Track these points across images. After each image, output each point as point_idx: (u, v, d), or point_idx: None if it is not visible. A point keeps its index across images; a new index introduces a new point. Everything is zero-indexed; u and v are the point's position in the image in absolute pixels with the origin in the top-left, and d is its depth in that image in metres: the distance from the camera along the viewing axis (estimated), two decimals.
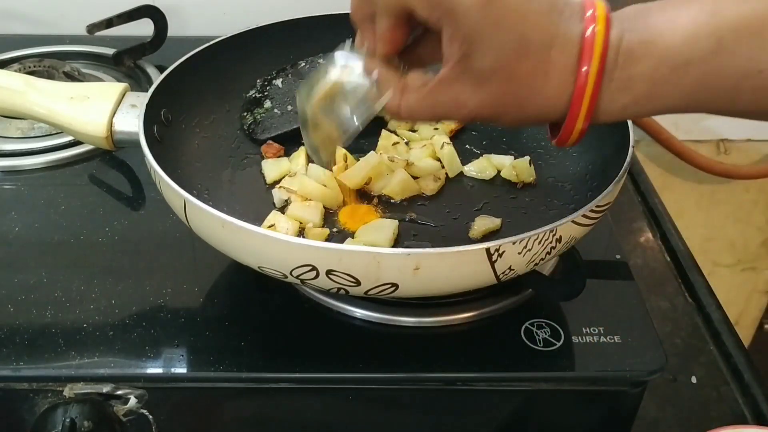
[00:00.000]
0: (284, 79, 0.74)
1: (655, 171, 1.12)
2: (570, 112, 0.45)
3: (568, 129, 0.47)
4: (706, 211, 1.18)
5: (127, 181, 0.74)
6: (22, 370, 0.53)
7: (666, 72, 0.44)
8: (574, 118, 0.46)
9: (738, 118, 0.47)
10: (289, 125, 0.70)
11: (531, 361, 0.54)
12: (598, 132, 0.65)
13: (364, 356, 0.55)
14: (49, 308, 0.58)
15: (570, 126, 0.46)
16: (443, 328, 0.57)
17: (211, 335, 0.56)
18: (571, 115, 0.46)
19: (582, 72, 0.44)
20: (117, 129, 0.62)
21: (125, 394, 0.53)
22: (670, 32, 0.44)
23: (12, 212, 0.68)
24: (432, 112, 0.48)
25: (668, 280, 0.72)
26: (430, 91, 0.47)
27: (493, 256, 0.48)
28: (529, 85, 0.45)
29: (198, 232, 0.54)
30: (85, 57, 0.93)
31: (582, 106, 0.45)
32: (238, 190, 0.65)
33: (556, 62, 0.44)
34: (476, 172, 0.67)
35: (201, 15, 1.00)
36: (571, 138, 0.48)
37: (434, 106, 0.47)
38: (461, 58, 0.44)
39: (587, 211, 0.51)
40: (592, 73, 0.44)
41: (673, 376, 0.63)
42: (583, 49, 0.44)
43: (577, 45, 0.44)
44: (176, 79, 0.65)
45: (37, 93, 0.63)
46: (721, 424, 0.49)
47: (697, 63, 0.43)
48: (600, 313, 0.58)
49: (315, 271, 0.48)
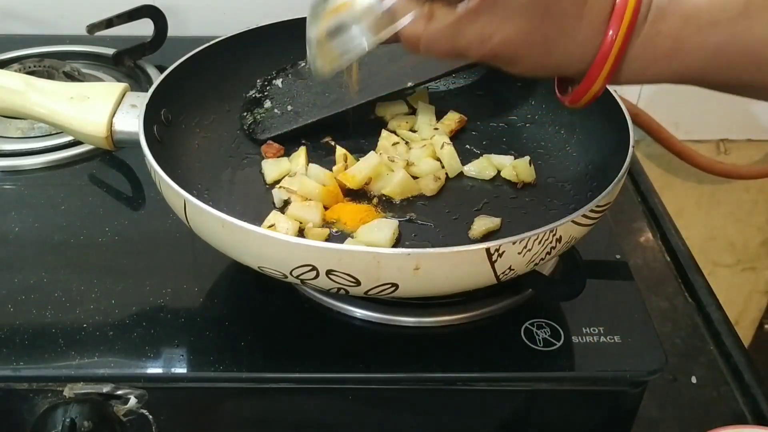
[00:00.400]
0: (284, 79, 0.74)
1: (655, 171, 1.12)
2: (595, 62, 0.45)
3: (589, 81, 0.46)
4: (706, 211, 1.18)
5: (127, 181, 0.74)
6: (22, 370, 0.53)
7: (691, 31, 0.43)
8: (599, 70, 0.45)
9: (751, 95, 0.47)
10: (289, 125, 0.70)
11: (531, 361, 0.54)
12: (598, 132, 0.65)
13: (364, 356, 0.55)
14: (49, 308, 0.58)
15: (592, 78, 0.45)
16: (443, 328, 0.57)
17: (211, 335, 0.56)
18: (596, 66, 0.45)
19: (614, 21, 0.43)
20: (117, 129, 0.62)
21: (125, 394, 0.53)
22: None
23: (12, 212, 0.68)
24: (453, 45, 0.46)
25: (668, 280, 0.72)
26: (457, 19, 0.45)
27: (493, 256, 0.48)
28: (561, 25, 0.44)
29: (198, 232, 0.54)
30: (85, 57, 0.92)
31: (609, 58, 0.44)
32: (238, 190, 0.65)
33: (592, 5, 0.43)
34: (476, 172, 0.67)
35: (201, 15, 1.00)
36: (585, 97, 0.47)
37: (457, 36, 0.45)
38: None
39: (587, 211, 0.51)
40: (625, 23, 0.43)
41: (673, 376, 0.63)
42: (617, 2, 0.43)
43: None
44: (176, 79, 0.65)
45: (37, 93, 0.63)
46: (721, 424, 0.48)
47: (723, 25, 0.43)
48: (600, 313, 0.58)
49: (315, 271, 0.48)
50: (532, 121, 0.72)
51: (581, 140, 0.67)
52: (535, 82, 0.72)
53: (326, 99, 0.72)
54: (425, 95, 0.75)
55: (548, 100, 0.72)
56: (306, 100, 0.72)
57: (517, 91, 0.74)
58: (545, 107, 0.72)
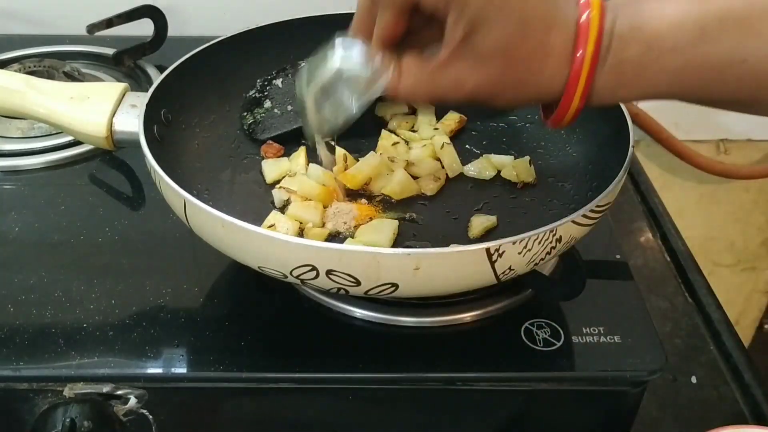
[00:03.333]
0: (284, 79, 0.74)
1: (655, 171, 1.12)
2: (566, 93, 0.47)
3: (563, 109, 0.48)
4: (706, 211, 1.18)
5: (127, 181, 0.74)
6: (22, 370, 0.53)
7: (653, 57, 0.45)
8: (570, 100, 0.47)
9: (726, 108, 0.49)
10: (289, 125, 0.70)
11: (531, 361, 0.54)
12: (598, 132, 0.65)
13: (364, 356, 0.55)
14: (49, 308, 0.58)
15: (565, 107, 0.48)
16: (443, 328, 0.57)
17: (211, 335, 0.56)
18: (567, 96, 0.47)
19: (578, 55, 0.45)
20: (117, 129, 0.62)
21: (125, 394, 0.53)
22: (657, 19, 0.45)
23: (12, 212, 0.68)
24: (431, 93, 0.49)
25: (668, 280, 0.72)
26: (431, 72, 0.48)
27: (493, 256, 0.48)
28: (528, 66, 0.46)
29: (198, 232, 0.54)
30: (85, 57, 0.93)
31: (578, 88, 0.46)
32: (238, 190, 0.65)
33: (555, 44, 0.46)
34: (476, 172, 0.67)
35: (201, 15, 1.00)
36: (565, 118, 0.49)
37: (434, 86, 0.49)
38: (464, 39, 0.46)
39: (587, 211, 0.51)
40: (587, 57, 0.45)
41: (673, 376, 0.63)
42: (579, 34, 0.45)
43: (574, 29, 0.46)
44: (176, 79, 0.65)
45: (37, 93, 0.63)
46: (721, 424, 0.48)
47: (681, 50, 0.45)
48: (600, 313, 0.58)
49: (315, 271, 0.48)
50: (532, 121, 0.72)
51: (581, 140, 0.67)
52: None
53: None
54: None
55: None
56: None
57: None
58: None
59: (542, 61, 0.46)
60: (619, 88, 0.47)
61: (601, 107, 0.49)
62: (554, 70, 0.46)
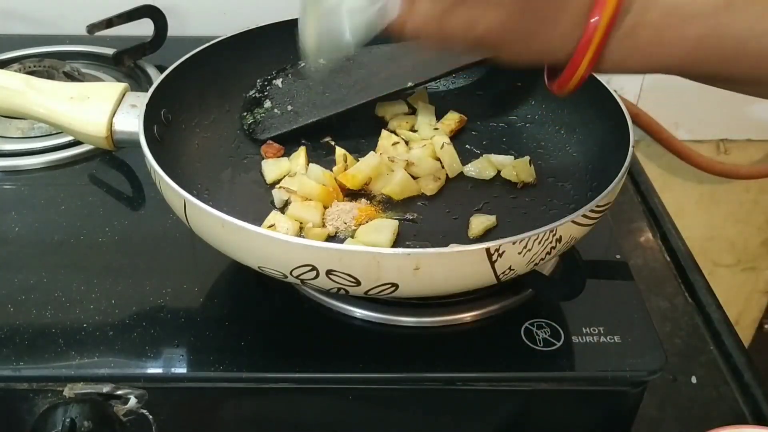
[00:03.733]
0: (284, 79, 0.74)
1: (655, 171, 1.12)
2: (575, 55, 0.45)
3: (570, 72, 0.47)
4: (706, 211, 1.18)
5: (127, 181, 0.74)
6: (22, 370, 0.53)
7: (673, 23, 0.44)
8: (578, 63, 0.46)
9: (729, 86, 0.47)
10: (289, 125, 0.70)
11: (531, 361, 0.54)
12: (598, 132, 0.65)
13: (364, 356, 0.55)
14: (49, 308, 0.58)
15: (572, 70, 0.46)
16: (443, 328, 0.57)
17: (211, 335, 0.56)
18: (575, 59, 0.46)
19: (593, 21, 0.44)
20: (117, 129, 0.62)
21: (125, 394, 0.53)
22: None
23: (12, 212, 0.68)
24: (440, 32, 0.47)
25: (668, 280, 0.72)
26: (443, 8, 0.46)
27: (493, 256, 0.48)
28: (544, 14, 0.45)
29: (198, 232, 0.54)
30: (85, 57, 0.92)
31: (588, 51, 0.45)
32: (238, 190, 0.65)
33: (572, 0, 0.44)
34: (476, 172, 0.67)
35: (201, 15, 1.00)
36: (570, 83, 0.48)
37: (444, 24, 0.46)
38: None
39: (587, 211, 0.51)
40: (603, 20, 0.44)
41: (673, 376, 0.63)
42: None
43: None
44: (176, 79, 0.65)
45: (37, 93, 0.63)
46: (721, 424, 0.48)
47: (704, 17, 0.44)
48: (600, 313, 0.58)
49: (315, 271, 0.48)
50: (532, 121, 0.72)
51: (581, 140, 0.67)
52: (534, 82, 0.72)
53: (326, 99, 0.72)
54: (425, 95, 0.75)
55: (548, 100, 0.72)
56: (306, 100, 0.72)
57: (517, 91, 0.74)
58: (545, 107, 0.72)
59: (558, 13, 0.44)
60: (630, 55, 0.46)
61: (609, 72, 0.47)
62: (567, 27, 0.45)
